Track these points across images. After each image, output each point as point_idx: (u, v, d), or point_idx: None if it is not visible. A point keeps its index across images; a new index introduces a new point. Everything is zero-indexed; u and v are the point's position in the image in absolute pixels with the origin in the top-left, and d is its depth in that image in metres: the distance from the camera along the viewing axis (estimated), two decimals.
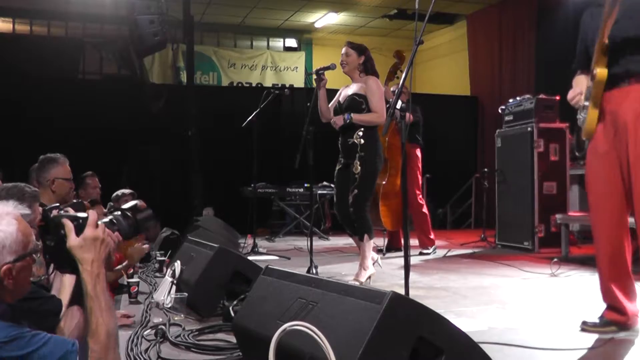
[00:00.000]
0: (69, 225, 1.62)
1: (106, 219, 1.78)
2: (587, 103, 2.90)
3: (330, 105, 4.58)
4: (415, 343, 1.75)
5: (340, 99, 4.55)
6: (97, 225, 1.66)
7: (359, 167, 4.29)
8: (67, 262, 1.64)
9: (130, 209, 1.86)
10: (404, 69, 6.04)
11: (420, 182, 6.59)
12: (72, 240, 1.61)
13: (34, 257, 1.62)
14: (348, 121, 4.33)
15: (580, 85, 3.01)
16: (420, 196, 6.47)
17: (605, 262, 2.94)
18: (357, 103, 4.36)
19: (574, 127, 3.14)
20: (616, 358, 2.57)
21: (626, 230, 2.90)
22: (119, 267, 4.05)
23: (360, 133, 4.33)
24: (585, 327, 2.93)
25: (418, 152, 6.41)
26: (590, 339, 2.77)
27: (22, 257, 1.55)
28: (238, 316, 2.50)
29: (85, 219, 1.65)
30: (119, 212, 1.84)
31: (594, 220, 3.01)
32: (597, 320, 2.92)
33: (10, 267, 1.52)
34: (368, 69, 4.47)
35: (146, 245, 4.58)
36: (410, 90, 4.40)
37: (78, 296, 1.69)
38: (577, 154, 3.25)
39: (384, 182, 5.97)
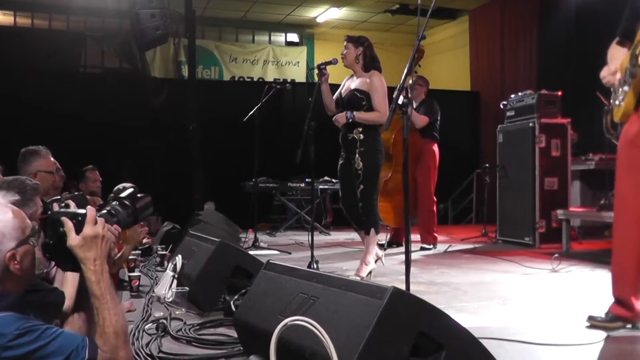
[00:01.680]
0: (69, 225, 1.59)
1: (104, 211, 1.74)
2: (626, 88, 2.80)
3: (334, 96, 4.58)
4: (416, 338, 1.76)
5: (342, 91, 4.54)
6: (96, 222, 1.63)
7: (360, 163, 4.30)
8: (69, 261, 1.62)
9: (129, 196, 1.81)
10: (421, 64, 6.04)
11: (436, 179, 6.48)
12: (72, 239, 1.59)
13: (34, 241, 1.62)
14: (350, 120, 4.32)
15: (615, 61, 2.91)
16: (433, 193, 6.43)
17: (624, 258, 2.88)
18: (358, 99, 4.35)
19: (604, 108, 3.02)
20: (616, 353, 2.57)
21: None
22: (117, 256, 4.04)
23: (360, 128, 4.33)
24: (593, 322, 2.91)
25: (435, 148, 6.35)
26: (591, 334, 2.77)
27: (23, 242, 1.58)
28: (239, 311, 2.50)
29: (84, 216, 1.62)
30: (117, 202, 1.79)
31: (617, 214, 2.94)
32: (604, 316, 2.91)
33: (14, 252, 1.54)
34: (367, 60, 4.44)
35: (148, 239, 4.58)
36: (411, 85, 4.38)
37: (83, 298, 1.69)
38: (608, 135, 3.13)
39: (386, 179, 5.96)
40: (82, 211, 1.63)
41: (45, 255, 1.66)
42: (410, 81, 5.95)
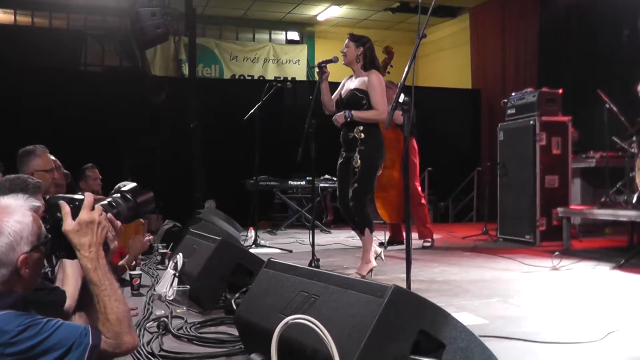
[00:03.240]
0: (66, 209, 1.59)
1: (105, 202, 1.74)
2: None
3: (333, 96, 4.58)
4: (417, 336, 1.76)
5: (342, 92, 4.54)
6: (93, 208, 1.62)
7: (359, 162, 4.29)
8: (63, 246, 1.61)
9: (130, 191, 1.80)
10: (393, 64, 6.06)
11: (418, 172, 6.57)
12: (68, 224, 1.58)
13: (44, 249, 1.62)
14: (349, 119, 4.32)
15: None
16: (419, 187, 6.46)
17: None
18: (358, 99, 4.35)
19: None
20: (616, 351, 2.57)
21: None
22: (122, 262, 4.05)
23: (361, 127, 4.32)
24: None
25: (414, 143, 6.40)
26: (591, 332, 2.77)
27: (37, 247, 1.58)
28: (240, 309, 2.51)
29: (81, 201, 1.61)
30: (119, 195, 1.79)
31: None
32: None
33: (27, 257, 1.54)
34: (366, 60, 4.44)
35: (150, 237, 4.58)
36: (406, 85, 4.36)
37: (84, 300, 1.69)
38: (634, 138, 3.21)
39: (378, 175, 5.96)
40: (79, 196, 1.63)
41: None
42: (403, 77, 5.96)
